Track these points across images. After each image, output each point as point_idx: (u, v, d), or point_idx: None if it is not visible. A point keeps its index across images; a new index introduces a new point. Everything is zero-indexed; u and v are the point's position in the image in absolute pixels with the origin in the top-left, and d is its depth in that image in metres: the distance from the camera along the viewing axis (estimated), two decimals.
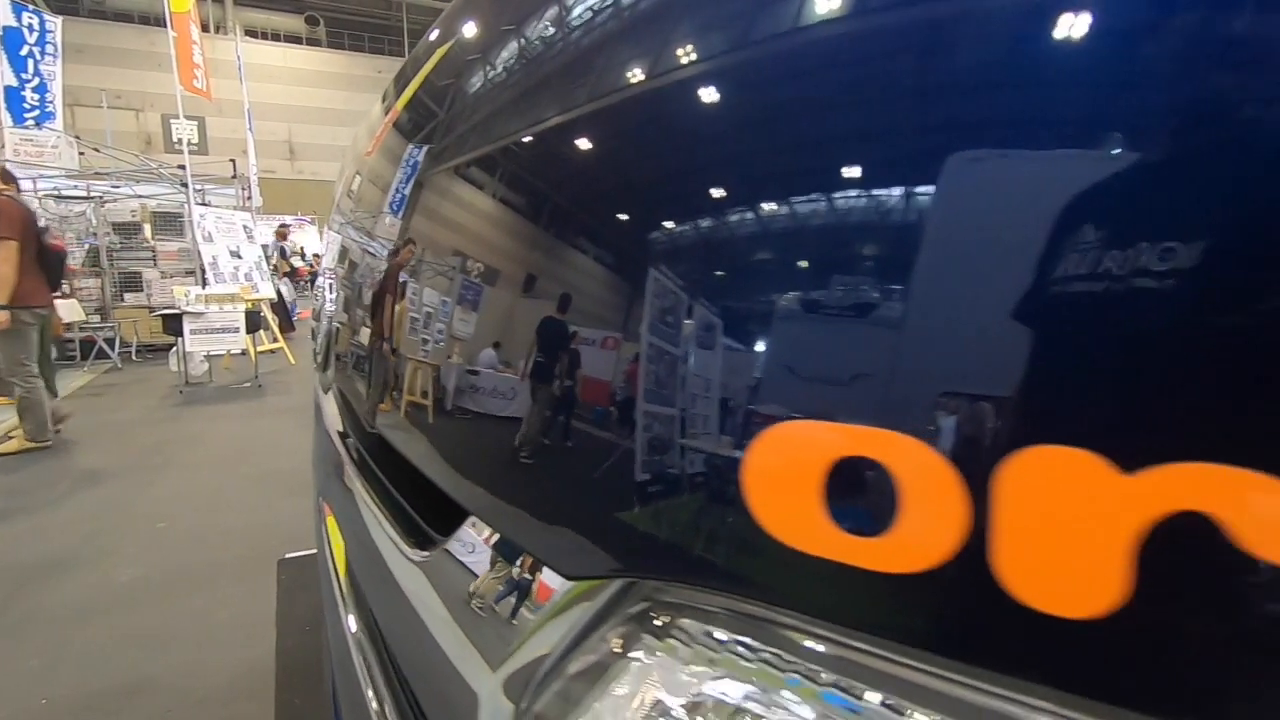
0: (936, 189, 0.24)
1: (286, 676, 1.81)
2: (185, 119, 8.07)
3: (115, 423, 4.63)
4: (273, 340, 7.21)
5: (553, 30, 0.51)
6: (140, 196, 8.09)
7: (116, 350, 6.92)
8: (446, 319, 0.52)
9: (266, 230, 10.69)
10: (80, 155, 8.57)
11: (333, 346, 0.88)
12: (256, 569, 2.40)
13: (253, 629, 2.03)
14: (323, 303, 1.01)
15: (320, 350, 1.01)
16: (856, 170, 0.27)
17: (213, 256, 6.85)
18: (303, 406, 3.33)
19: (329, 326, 0.92)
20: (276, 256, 9.56)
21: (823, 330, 0.26)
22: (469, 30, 0.67)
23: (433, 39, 0.76)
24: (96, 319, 7.04)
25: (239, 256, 7.28)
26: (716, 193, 0.32)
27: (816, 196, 0.28)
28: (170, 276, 7.53)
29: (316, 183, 25.18)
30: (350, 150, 1.00)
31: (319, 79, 27.03)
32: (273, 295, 7.58)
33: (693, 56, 0.37)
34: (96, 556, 2.58)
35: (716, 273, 0.31)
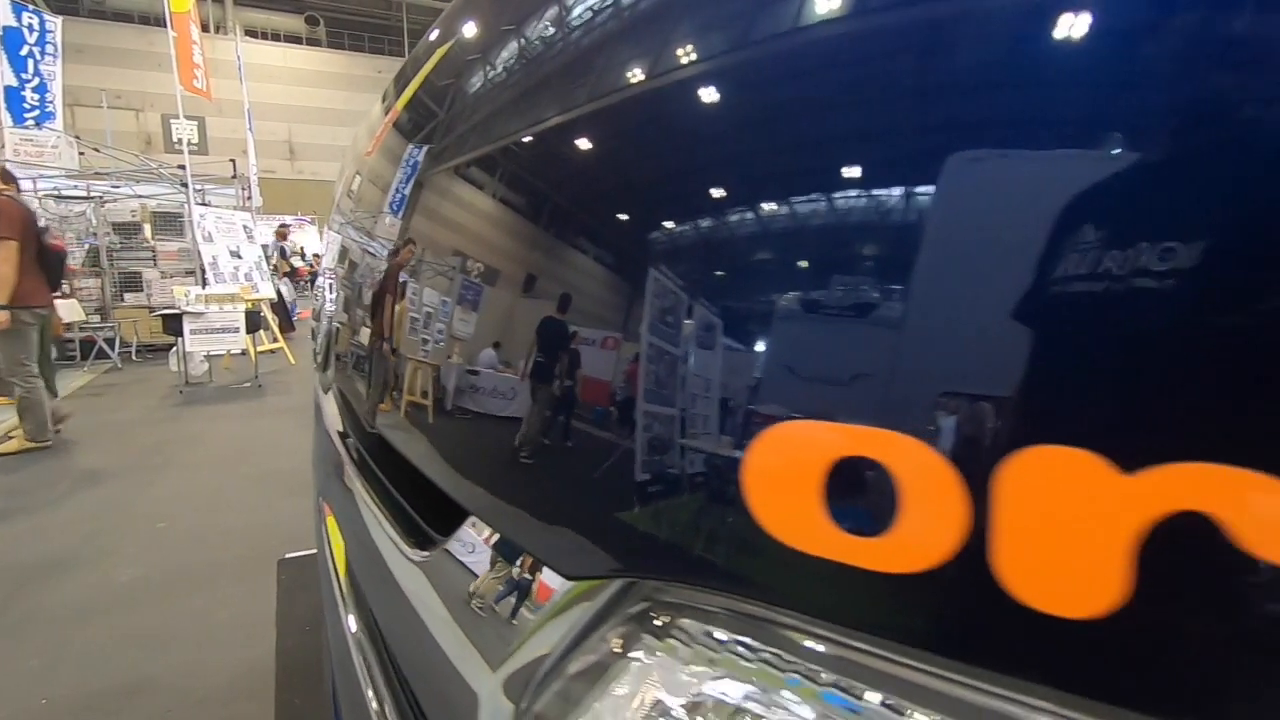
0: (936, 189, 0.24)
1: (286, 676, 1.81)
2: (185, 119, 8.07)
3: (115, 423, 4.63)
4: (273, 340, 7.21)
5: (553, 30, 0.51)
6: (140, 196, 8.09)
7: (116, 350, 6.92)
8: (446, 319, 0.52)
9: (266, 230, 10.69)
10: (80, 155, 8.57)
11: (333, 346, 0.88)
12: (256, 569, 2.40)
13: (253, 629, 2.03)
14: (323, 303, 1.01)
15: (320, 350, 1.01)
16: (856, 170, 0.27)
17: (213, 256, 6.85)
18: (303, 406, 3.33)
19: (329, 326, 0.92)
20: (276, 256, 9.56)
21: (823, 330, 0.26)
22: (469, 30, 0.67)
23: (433, 39, 0.76)
24: (96, 319, 7.04)
25: (239, 256, 7.28)
26: (716, 193, 0.32)
27: (816, 196, 0.28)
28: (170, 276, 7.53)
29: (316, 183, 25.18)
30: (350, 150, 1.00)
31: (319, 79, 27.02)
32: (273, 295, 7.58)
33: (692, 56, 0.37)
34: (96, 556, 2.58)
35: (716, 273, 0.31)
